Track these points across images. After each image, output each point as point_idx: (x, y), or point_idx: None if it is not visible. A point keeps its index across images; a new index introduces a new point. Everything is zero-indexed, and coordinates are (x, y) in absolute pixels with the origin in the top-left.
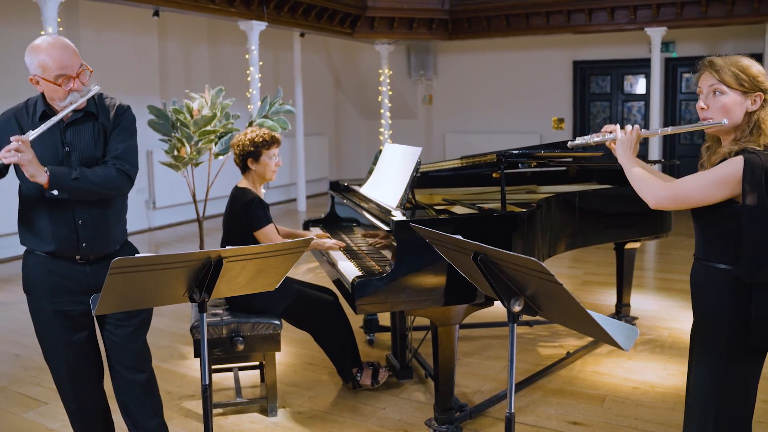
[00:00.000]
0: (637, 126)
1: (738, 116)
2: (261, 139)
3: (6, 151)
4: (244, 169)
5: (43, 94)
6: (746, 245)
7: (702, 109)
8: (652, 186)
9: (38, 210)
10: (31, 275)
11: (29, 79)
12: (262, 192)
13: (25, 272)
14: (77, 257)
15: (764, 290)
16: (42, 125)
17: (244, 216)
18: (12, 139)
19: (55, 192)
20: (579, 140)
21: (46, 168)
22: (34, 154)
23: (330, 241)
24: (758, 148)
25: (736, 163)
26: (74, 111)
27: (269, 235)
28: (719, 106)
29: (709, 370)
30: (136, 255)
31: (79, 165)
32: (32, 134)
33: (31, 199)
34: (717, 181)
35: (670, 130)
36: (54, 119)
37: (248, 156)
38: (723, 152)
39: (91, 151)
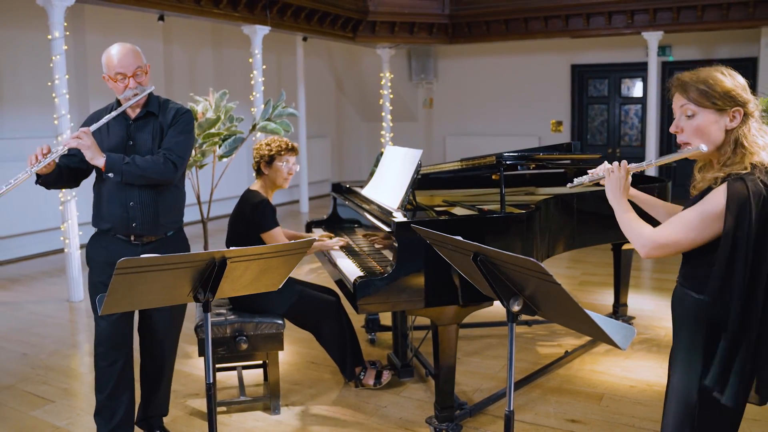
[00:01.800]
0: (624, 162)
1: (717, 136)
2: (276, 145)
3: (70, 139)
4: (259, 173)
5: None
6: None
7: (676, 132)
8: (638, 235)
9: (101, 195)
10: (92, 250)
11: (102, 77)
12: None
13: (88, 247)
14: (131, 237)
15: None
16: (102, 119)
17: (252, 217)
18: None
19: (111, 174)
20: (576, 181)
21: (105, 154)
22: (94, 141)
23: (331, 242)
24: (744, 172)
25: (718, 197)
26: (139, 110)
27: (276, 237)
28: (692, 128)
29: (684, 399)
30: (142, 256)
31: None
32: (94, 126)
33: (96, 188)
34: (700, 222)
35: (654, 162)
36: (111, 115)
37: (262, 160)
38: (708, 179)
39: (150, 146)
